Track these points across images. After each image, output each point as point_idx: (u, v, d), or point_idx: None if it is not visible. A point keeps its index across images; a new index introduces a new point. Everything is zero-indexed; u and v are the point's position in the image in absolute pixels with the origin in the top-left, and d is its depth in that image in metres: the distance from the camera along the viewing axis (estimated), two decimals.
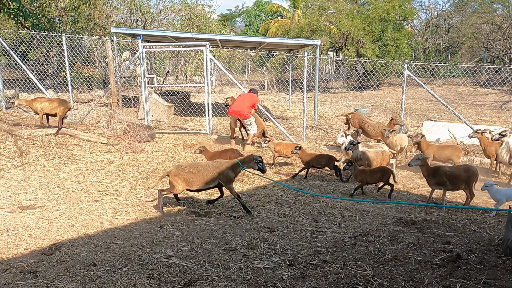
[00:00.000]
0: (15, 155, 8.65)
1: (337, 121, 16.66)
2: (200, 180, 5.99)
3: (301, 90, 13.69)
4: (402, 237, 5.02)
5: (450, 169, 7.06)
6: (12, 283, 3.73)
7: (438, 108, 20.39)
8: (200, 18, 28.68)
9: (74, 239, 4.83)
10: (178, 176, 5.99)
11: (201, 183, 6.02)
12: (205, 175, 5.98)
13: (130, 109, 15.24)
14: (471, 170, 6.92)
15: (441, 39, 38.04)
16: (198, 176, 5.98)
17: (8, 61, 18.33)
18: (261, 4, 58.64)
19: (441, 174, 6.88)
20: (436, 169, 7.02)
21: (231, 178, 6.04)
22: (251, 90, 11.33)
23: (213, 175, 5.97)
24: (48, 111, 10.05)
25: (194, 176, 5.98)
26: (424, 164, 6.92)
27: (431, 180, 6.97)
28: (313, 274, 3.95)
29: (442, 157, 8.81)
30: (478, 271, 4.00)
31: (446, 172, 6.92)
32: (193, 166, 6.11)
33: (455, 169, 7.08)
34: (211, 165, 6.10)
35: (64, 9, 20.82)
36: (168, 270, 3.96)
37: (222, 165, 6.07)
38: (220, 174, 5.96)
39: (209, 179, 5.98)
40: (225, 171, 5.97)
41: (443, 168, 7.07)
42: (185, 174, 5.98)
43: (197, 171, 6.00)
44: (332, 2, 31.73)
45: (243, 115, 10.65)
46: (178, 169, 6.05)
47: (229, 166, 6.04)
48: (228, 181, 6.03)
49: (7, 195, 6.47)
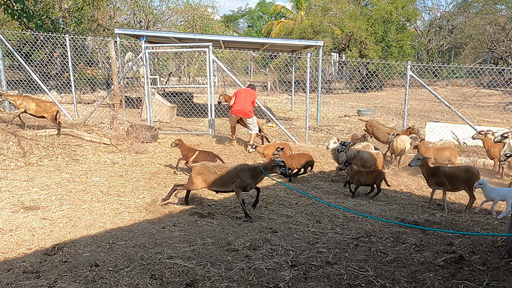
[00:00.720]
0: (19, 155, 8.68)
1: (340, 122, 16.64)
2: (219, 181, 5.98)
3: (304, 91, 13.69)
4: (405, 238, 5.01)
5: (450, 170, 7.05)
6: (15, 283, 3.74)
7: (441, 109, 20.34)
8: (203, 19, 28.76)
9: (76, 239, 4.84)
10: (200, 174, 6.03)
11: (219, 185, 6.00)
12: (225, 177, 5.96)
13: (133, 110, 15.27)
14: (471, 171, 6.90)
15: (444, 40, 37.98)
16: (219, 177, 5.96)
17: (11, 62, 18.41)
18: (264, 5, 58.70)
19: (440, 174, 6.87)
20: (436, 169, 7.02)
21: (246, 184, 5.93)
22: (250, 85, 11.22)
23: (232, 178, 5.94)
24: (33, 113, 9.96)
25: (214, 177, 5.98)
26: (424, 164, 6.92)
27: (431, 180, 6.97)
28: (315, 275, 3.95)
29: (443, 158, 8.81)
30: (481, 273, 3.98)
31: (446, 172, 6.91)
32: (218, 167, 6.13)
33: (455, 170, 7.08)
34: (234, 168, 6.06)
35: (68, 10, 20.91)
36: (170, 270, 3.96)
37: (244, 170, 5.99)
38: (237, 178, 5.92)
39: (228, 181, 5.96)
40: (243, 176, 5.90)
41: (443, 168, 7.06)
42: (207, 173, 6.01)
43: (220, 172, 5.99)
44: (335, 3, 31.73)
45: (247, 114, 10.64)
46: (203, 167, 6.09)
47: (250, 171, 5.96)
48: (241, 186, 5.92)
49: (10, 196, 6.48)
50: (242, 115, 10.67)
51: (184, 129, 13.43)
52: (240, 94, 10.73)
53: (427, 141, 11.26)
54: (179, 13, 29.27)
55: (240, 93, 10.75)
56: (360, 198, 7.58)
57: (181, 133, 12.34)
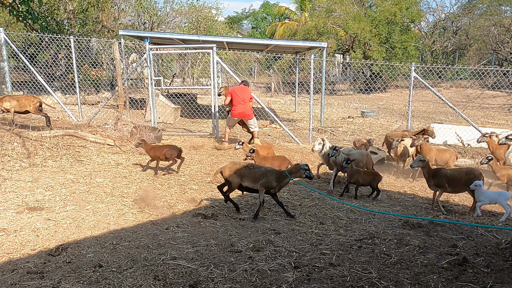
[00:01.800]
0: (23, 156, 8.72)
1: (343, 124, 16.63)
2: (251, 178, 6.07)
3: (308, 93, 13.69)
4: (408, 240, 4.99)
5: (451, 172, 7.05)
6: (19, 284, 3.75)
7: (445, 111, 20.28)
8: (207, 21, 28.83)
9: (80, 240, 4.86)
10: (233, 171, 6.13)
11: (251, 180, 6.09)
12: (256, 174, 6.06)
13: (137, 111, 15.32)
14: (473, 173, 6.87)
15: (449, 41, 37.87)
16: (251, 174, 6.07)
17: (17, 63, 18.50)
18: (268, 7, 58.75)
19: (441, 176, 6.87)
20: (437, 171, 7.03)
21: (271, 185, 6.02)
22: (243, 82, 11.11)
23: (260, 176, 6.04)
24: (18, 109, 9.97)
25: (248, 172, 6.08)
26: (426, 165, 6.92)
27: (431, 182, 6.98)
28: (318, 276, 3.95)
29: (443, 160, 8.77)
30: (485, 275, 3.97)
31: (447, 174, 6.91)
32: (248, 163, 6.32)
33: (457, 172, 7.07)
34: (264, 168, 6.21)
35: (73, 12, 21.01)
36: (174, 271, 3.97)
37: (272, 171, 6.13)
38: (264, 177, 6.00)
39: (257, 178, 6.04)
40: (270, 176, 6.00)
41: (444, 170, 7.06)
42: (240, 169, 6.12)
43: (252, 167, 6.15)
44: (339, 5, 31.72)
45: (248, 116, 10.68)
46: (232, 164, 6.24)
47: (276, 174, 6.06)
48: (266, 185, 6.00)
49: (15, 196, 6.51)
50: (243, 117, 10.69)
51: (187, 130, 13.45)
52: (237, 95, 10.60)
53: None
54: (183, 15, 29.34)
55: (236, 94, 10.60)
56: (364, 200, 7.57)
57: (185, 134, 12.37)
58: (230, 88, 11.18)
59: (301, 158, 10.18)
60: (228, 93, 10.80)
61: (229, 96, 10.69)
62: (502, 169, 7.87)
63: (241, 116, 10.66)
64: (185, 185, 7.78)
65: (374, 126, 16.16)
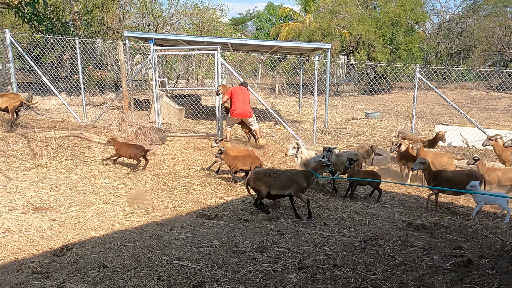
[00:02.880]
0: (28, 157, 8.76)
1: (347, 125, 16.60)
2: (278, 185, 6.14)
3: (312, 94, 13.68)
4: (413, 242, 4.98)
5: (452, 174, 7.03)
6: (24, 283, 3.77)
7: (450, 112, 20.20)
8: (211, 22, 28.86)
9: (85, 240, 4.88)
10: (259, 180, 6.18)
11: (278, 187, 6.15)
12: (283, 180, 6.13)
13: (141, 112, 15.36)
14: (474, 176, 6.87)
15: (453, 42, 37.76)
16: (277, 181, 6.13)
17: (22, 64, 18.59)
18: (272, 8, 58.79)
19: (441, 178, 6.88)
20: (438, 173, 7.04)
21: (303, 187, 6.18)
22: (243, 84, 11.20)
23: (288, 182, 6.13)
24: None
25: (274, 180, 6.14)
26: (427, 168, 6.92)
27: (431, 183, 6.97)
28: (322, 277, 3.94)
29: (441, 164, 8.70)
30: (490, 277, 3.95)
31: (448, 176, 6.91)
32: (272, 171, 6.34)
33: (458, 174, 7.07)
34: (289, 172, 6.27)
35: (78, 13, 21.09)
36: (178, 272, 3.98)
37: (298, 174, 6.24)
38: (294, 183, 6.11)
39: (285, 185, 6.13)
40: (298, 179, 6.12)
41: (445, 172, 7.05)
42: (264, 177, 6.17)
43: (276, 175, 6.17)
44: (343, 6, 31.69)
45: (249, 115, 10.78)
46: (257, 174, 6.29)
47: (303, 175, 6.19)
48: (300, 189, 6.15)
49: (20, 197, 6.55)
50: (244, 117, 10.75)
51: (192, 131, 13.47)
52: (238, 95, 10.70)
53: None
54: (187, 16, 29.39)
55: (238, 94, 10.70)
56: (368, 201, 7.56)
57: (189, 135, 12.39)
58: (230, 88, 11.21)
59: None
60: (227, 92, 10.84)
61: (228, 95, 10.74)
62: (489, 171, 7.83)
63: (241, 116, 10.74)
64: (189, 186, 7.79)
65: (378, 128, 16.12)
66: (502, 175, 7.73)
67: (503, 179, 7.72)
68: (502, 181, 7.74)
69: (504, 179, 7.71)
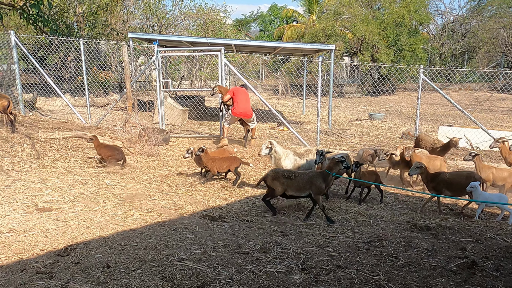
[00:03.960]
0: (33, 157, 8.80)
1: (351, 126, 16.58)
2: (295, 187, 6.11)
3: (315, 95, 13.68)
4: (417, 243, 4.97)
5: (451, 176, 7.02)
6: (28, 283, 3.79)
7: (454, 113, 20.16)
8: (215, 23, 28.90)
9: (89, 240, 4.89)
10: (277, 179, 6.14)
11: (295, 189, 6.13)
12: (300, 182, 6.09)
13: (145, 113, 15.38)
14: (473, 177, 6.84)
15: (458, 44, 37.65)
16: (294, 183, 6.10)
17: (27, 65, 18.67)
18: (276, 10, 58.83)
19: (439, 181, 6.86)
20: (436, 175, 7.02)
21: (322, 189, 6.13)
22: (243, 86, 11.44)
23: (306, 184, 6.08)
24: None
25: (291, 182, 6.10)
26: (424, 171, 6.91)
27: (429, 185, 6.98)
28: (326, 278, 3.94)
29: (434, 167, 8.63)
30: (494, 278, 3.94)
31: (446, 179, 6.89)
32: (290, 172, 6.29)
33: (456, 176, 7.05)
34: (306, 175, 6.21)
35: (82, 15, 21.17)
36: (181, 272, 3.98)
37: (316, 176, 6.16)
38: (312, 184, 6.05)
39: (303, 187, 6.09)
40: (317, 181, 6.06)
41: (443, 174, 7.04)
42: (282, 178, 6.13)
43: (294, 177, 6.13)
44: (347, 7, 31.66)
45: (249, 115, 10.94)
46: (275, 173, 6.25)
47: (321, 176, 6.12)
48: (319, 192, 6.10)
49: (24, 197, 6.57)
50: (244, 117, 10.86)
51: (195, 132, 13.49)
52: (240, 94, 10.85)
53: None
54: (191, 17, 29.44)
55: (239, 94, 10.85)
56: (371, 202, 7.54)
57: (193, 136, 12.40)
58: (232, 87, 11.30)
59: None
60: (229, 91, 10.94)
61: (230, 94, 10.83)
62: (486, 168, 7.80)
63: (242, 116, 10.88)
64: (193, 187, 7.80)
65: (382, 129, 16.09)
66: (496, 173, 7.72)
67: (497, 178, 7.71)
68: (496, 179, 7.72)
69: (498, 178, 7.70)
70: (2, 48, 13.85)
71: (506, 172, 7.74)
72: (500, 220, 6.45)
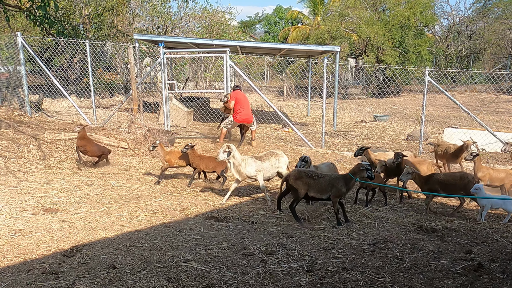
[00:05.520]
0: (39, 158, 8.84)
1: (356, 128, 16.56)
2: (317, 188, 5.98)
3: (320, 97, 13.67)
4: (422, 245, 4.95)
5: (444, 177, 7.06)
6: (34, 284, 3.80)
7: (459, 115, 20.08)
8: (220, 25, 28.98)
9: (94, 241, 4.91)
10: (300, 179, 6.02)
11: (317, 191, 6.01)
12: (322, 184, 5.97)
13: (150, 114, 15.43)
14: (467, 178, 6.90)
15: (463, 45, 37.48)
16: (317, 184, 5.98)
17: (33, 67, 18.78)
18: (281, 11, 58.84)
19: (433, 182, 6.89)
20: (429, 177, 7.04)
21: (342, 192, 5.99)
22: (238, 87, 11.35)
23: (327, 186, 5.96)
24: None
25: (314, 182, 5.98)
26: (415, 176, 6.91)
27: (424, 188, 6.99)
28: (331, 280, 3.93)
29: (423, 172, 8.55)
30: (501, 281, 3.92)
31: (439, 179, 6.92)
32: (313, 172, 6.17)
33: (450, 177, 7.09)
34: (328, 176, 6.08)
35: (88, 17, 21.27)
36: (187, 274, 3.99)
37: (338, 178, 6.04)
38: (332, 187, 5.94)
39: (324, 189, 5.97)
40: (337, 184, 5.94)
41: (436, 175, 7.07)
42: (305, 178, 6.01)
43: (317, 177, 6.01)
44: (352, 9, 31.65)
45: (250, 121, 11.09)
46: (298, 172, 6.12)
47: (343, 180, 5.99)
48: (338, 195, 5.95)
49: (31, 198, 6.60)
50: (247, 122, 10.98)
51: (200, 133, 13.51)
52: (242, 100, 10.89)
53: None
54: (196, 19, 29.54)
55: (240, 100, 10.89)
56: (376, 204, 7.51)
57: (198, 138, 12.42)
58: (232, 93, 11.21)
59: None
60: (232, 97, 10.95)
61: (233, 100, 10.83)
62: (483, 168, 7.78)
63: (245, 122, 10.96)
64: (198, 188, 7.81)
65: (387, 131, 16.06)
66: (494, 174, 7.71)
67: (494, 179, 7.69)
68: (492, 180, 7.70)
69: (495, 178, 7.68)
70: (9, 49, 13.94)
71: (503, 172, 7.74)
72: (506, 222, 6.42)
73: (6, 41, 14.38)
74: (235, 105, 10.89)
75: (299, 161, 7.13)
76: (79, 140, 8.53)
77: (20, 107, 13.06)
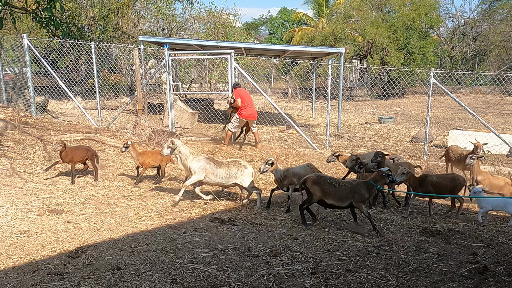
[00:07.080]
0: (44, 159, 8.89)
1: (361, 129, 16.53)
2: (337, 196, 5.86)
3: (325, 98, 13.65)
4: (427, 248, 4.93)
5: (437, 178, 7.12)
6: (39, 285, 3.82)
7: (464, 117, 20.01)
8: (225, 27, 29.01)
9: (99, 242, 4.92)
10: (317, 184, 5.90)
11: (336, 198, 5.88)
12: (344, 192, 5.84)
13: (155, 115, 15.47)
14: (458, 180, 7.03)
15: (468, 47, 37.35)
16: (337, 191, 5.85)
17: (39, 68, 18.88)
18: (286, 13, 58.82)
19: (427, 183, 6.95)
20: (423, 178, 7.08)
21: (365, 198, 5.89)
22: (237, 85, 11.26)
23: (349, 193, 5.83)
24: None
25: (334, 190, 5.84)
26: (409, 177, 6.92)
27: (418, 190, 7.02)
28: (335, 282, 3.93)
29: None
30: (507, 284, 3.90)
31: (433, 181, 6.99)
32: (334, 179, 6.05)
33: (442, 179, 7.16)
34: (350, 184, 5.97)
35: (93, 18, 21.38)
36: (191, 275, 3.99)
37: (360, 184, 5.93)
38: (354, 193, 5.82)
39: (345, 196, 5.84)
40: (361, 191, 5.82)
41: (430, 177, 7.12)
42: (324, 184, 5.88)
43: (338, 185, 5.88)
44: (357, 11, 31.62)
45: (255, 116, 11.08)
46: (318, 177, 5.98)
47: (365, 186, 5.87)
48: (361, 201, 5.84)
49: (36, 199, 6.64)
50: (252, 118, 10.92)
51: (205, 135, 13.52)
52: (245, 97, 10.88)
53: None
54: (201, 21, 29.61)
55: (244, 96, 10.89)
56: (380, 206, 7.50)
57: (202, 139, 12.44)
58: (235, 91, 11.16)
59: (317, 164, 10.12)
60: (236, 96, 10.91)
61: (239, 97, 10.84)
62: (483, 173, 7.76)
63: (250, 118, 10.88)
64: (202, 189, 7.81)
65: (391, 132, 16.02)
66: (493, 181, 7.69)
67: (493, 186, 7.67)
68: (491, 187, 7.67)
69: (494, 186, 7.66)
70: (15, 51, 14.02)
71: (502, 181, 7.72)
72: (511, 225, 6.40)
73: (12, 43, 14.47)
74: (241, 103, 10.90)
75: (263, 164, 6.80)
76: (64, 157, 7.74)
77: (26, 108, 13.13)
